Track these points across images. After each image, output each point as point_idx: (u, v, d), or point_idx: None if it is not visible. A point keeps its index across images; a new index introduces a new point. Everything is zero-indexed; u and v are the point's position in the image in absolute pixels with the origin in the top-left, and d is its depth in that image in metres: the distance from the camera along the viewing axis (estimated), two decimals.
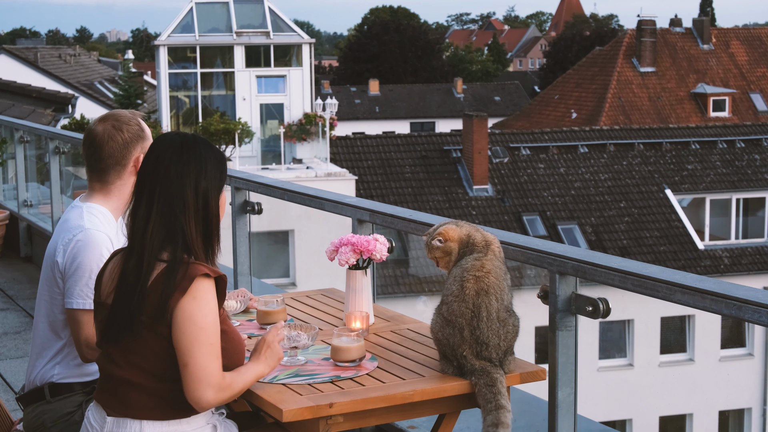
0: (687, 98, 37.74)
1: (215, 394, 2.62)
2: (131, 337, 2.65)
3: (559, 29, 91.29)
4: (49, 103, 15.53)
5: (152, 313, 2.61)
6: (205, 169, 2.74)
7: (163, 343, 2.63)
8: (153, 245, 2.67)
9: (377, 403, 2.85)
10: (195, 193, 2.70)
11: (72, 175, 8.65)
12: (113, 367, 2.70)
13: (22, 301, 7.18)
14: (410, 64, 59.71)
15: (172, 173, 2.70)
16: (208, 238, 2.74)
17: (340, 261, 3.43)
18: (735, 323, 23.17)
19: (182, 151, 2.74)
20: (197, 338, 2.60)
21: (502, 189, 25.36)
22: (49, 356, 3.27)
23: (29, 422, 3.27)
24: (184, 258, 2.66)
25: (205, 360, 2.60)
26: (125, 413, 2.68)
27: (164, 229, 2.67)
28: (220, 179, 2.79)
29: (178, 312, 2.60)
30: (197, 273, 2.63)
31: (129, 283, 2.66)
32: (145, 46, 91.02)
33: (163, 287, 2.61)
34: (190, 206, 2.69)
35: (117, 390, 2.70)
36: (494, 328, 2.96)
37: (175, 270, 2.62)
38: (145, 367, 2.65)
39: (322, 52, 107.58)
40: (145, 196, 2.72)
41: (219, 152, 2.82)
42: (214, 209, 2.75)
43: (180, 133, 2.83)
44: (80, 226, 3.21)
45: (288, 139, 26.10)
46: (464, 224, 3.16)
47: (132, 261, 2.68)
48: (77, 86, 32.65)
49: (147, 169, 2.74)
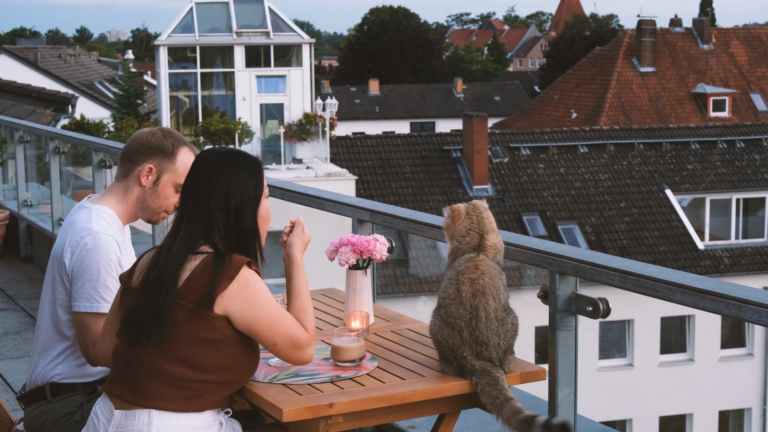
0: (687, 98, 37.75)
1: (312, 346, 2.80)
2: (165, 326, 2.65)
3: (559, 29, 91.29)
4: (49, 103, 15.52)
5: (197, 299, 2.65)
6: (236, 184, 2.76)
7: (206, 329, 2.66)
8: (177, 259, 2.70)
9: (377, 403, 2.85)
10: (226, 212, 2.74)
11: (72, 175, 8.66)
12: (137, 356, 2.70)
13: (22, 301, 7.18)
14: (410, 64, 59.71)
15: (201, 193, 2.75)
16: (245, 251, 2.77)
17: (340, 261, 3.43)
18: (735, 323, 23.17)
19: (211, 168, 2.77)
20: (270, 317, 2.70)
21: (502, 189, 25.36)
22: (51, 356, 3.27)
23: (30, 422, 3.27)
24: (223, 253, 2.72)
25: (287, 328, 2.73)
26: (136, 402, 2.67)
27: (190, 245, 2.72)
28: (255, 192, 2.80)
29: (238, 301, 2.66)
30: (242, 261, 2.69)
31: (151, 293, 2.69)
32: (145, 46, 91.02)
33: (211, 275, 2.65)
34: (219, 225, 2.73)
35: (135, 378, 2.69)
36: (493, 328, 2.96)
37: (221, 259, 2.68)
38: (178, 355, 2.66)
39: (322, 52, 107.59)
40: (180, 212, 2.78)
41: (253, 162, 2.83)
42: (250, 224, 2.78)
43: (216, 148, 2.86)
44: (88, 229, 3.21)
45: (288, 139, 26.11)
46: (475, 218, 3.10)
47: (156, 273, 2.72)
48: (77, 86, 32.66)
49: (184, 188, 2.81)
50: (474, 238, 3.08)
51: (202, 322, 2.65)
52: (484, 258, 3.02)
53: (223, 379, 2.71)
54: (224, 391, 2.75)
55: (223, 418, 2.79)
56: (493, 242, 3.08)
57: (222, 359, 2.69)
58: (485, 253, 3.04)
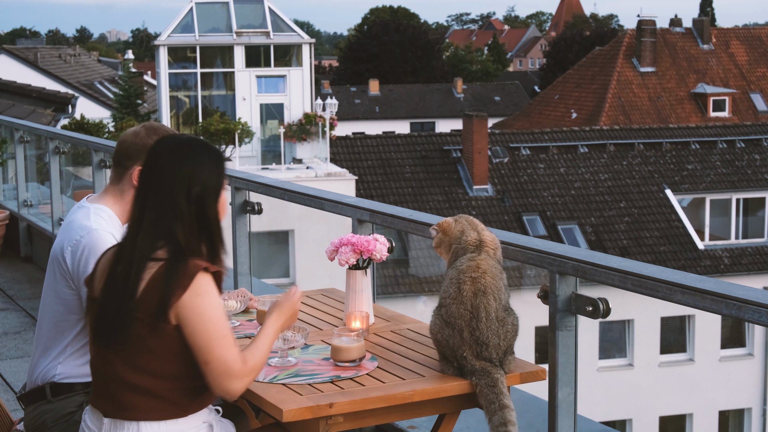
0: (687, 98, 37.74)
1: (243, 382, 2.63)
2: (126, 337, 2.60)
3: (559, 29, 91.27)
4: (49, 103, 15.51)
5: (152, 311, 2.58)
6: (200, 172, 2.67)
7: (166, 340, 2.59)
8: (143, 251, 2.62)
9: (377, 403, 2.85)
10: (188, 200, 2.65)
11: (72, 175, 8.66)
12: (109, 369, 2.67)
13: (22, 301, 7.18)
14: (410, 64, 59.70)
15: (164, 179, 2.65)
16: (211, 242, 2.69)
17: (340, 261, 3.43)
18: (735, 323, 23.17)
19: (174, 155, 2.68)
20: (212, 334, 2.59)
21: (502, 189, 25.36)
22: (52, 356, 3.27)
23: (30, 422, 3.27)
24: (180, 257, 2.62)
25: (224, 353, 2.59)
26: (122, 415, 2.65)
27: (155, 235, 2.63)
28: (217, 183, 2.72)
29: (186, 311, 2.57)
30: (197, 269, 2.60)
31: (116, 287, 2.63)
32: (145, 46, 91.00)
33: (164, 285, 2.57)
34: (183, 213, 2.64)
35: (113, 392, 2.66)
36: (493, 328, 2.96)
37: (173, 268, 2.59)
38: (145, 367, 2.61)
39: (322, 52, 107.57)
40: (139, 203, 2.68)
41: (216, 154, 2.75)
42: (212, 213, 2.70)
43: (177, 136, 2.78)
44: (87, 227, 3.22)
45: (288, 139, 26.10)
46: (464, 220, 3.17)
47: (120, 267, 2.65)
48: (77, 86, 32.66)
49: (143, 176, 2.71)
50: (471, 234, 3.11)
51: (160, 334, 2.59)
52: (485, 257, 3.03)
53: (198, 383, 2.65)
54: (203, 393, 2.69)
55: (213, 419, 2.76)
56: (491, 237, 3.11)
57: (190, 367, 2.62)
58: (486, 251, 3.05)
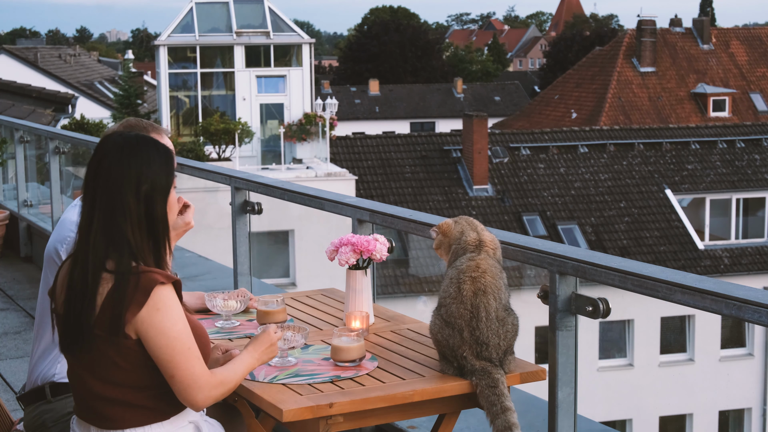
0: (687, 98, 37.74)
1: (208, 394, 2.60)
2: (90, 351, 2.57)
3: (559, 29, 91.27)
4: (49, 103, 15.51)
5: (107, 327, 2.54)
6: (148, 170, 2.61)
7: (127, 354, 2.56)
8: (97, 254, 2.57)
9: (377, 403, 2.85)
10: (136, 198, 2.59)
11: (72, 175, 8.65)
12: (81, 383, 2.64)
13: (22, 301, 7.18)
14: (410, 64, 59.69)
15: (112, 177, 2.59)
16: (156, 243, 2.64)
17: (340, 261, 3.43)
18: (735, 323, 23.17)
19: (122, 152, 2.62)
20: (174, 348, 2.55)
21: (502, 189, 25.36)
22: (51, 355, 3.27)
23: (30, 422, 3.27)
24: (132, 267, 2.57)
25: (189, 366, 2.57)
26: (107, 425, 2.63)
27: (106, 238, 2.58)
28: (166, 180, 2.65)
29: (145, 327, 2.53)
30: (153, 283, 2.54)
31: (76, 294, 2.58)
32: (145, 46, 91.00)
33: (116, 301, 2.53)
34: (132, 212, 2.58)
35: (91, 405, 2.64)
36: (494, 328, 2.96)
37: (125, 282, 2.54)
38: (114, 380, 2.58)
39: (322, 52, 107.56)
40: (88, 201, 2.63)
41: (165, 150, 2.69)
42: (160, 213, 2.64)
43: (124, 133, 2.71)
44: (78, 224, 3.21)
45: (288, 139, 26.10)
46: (464, 221, 3.17)
47: (77, 270, 2.60)
48: (77, 86, 32.66)
49: (89, 173, 2.64)
50: (470, 234, 3.11)
51: (121, 349, 2.55)
52: (485, 257, 3.04)
53: (167, 389, 2.62)
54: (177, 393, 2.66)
55: (199, 418, 2.74)
56: (491, 237, 3.12)
57: (157, 375, 2.60)
58: (486, 251, 3.05)
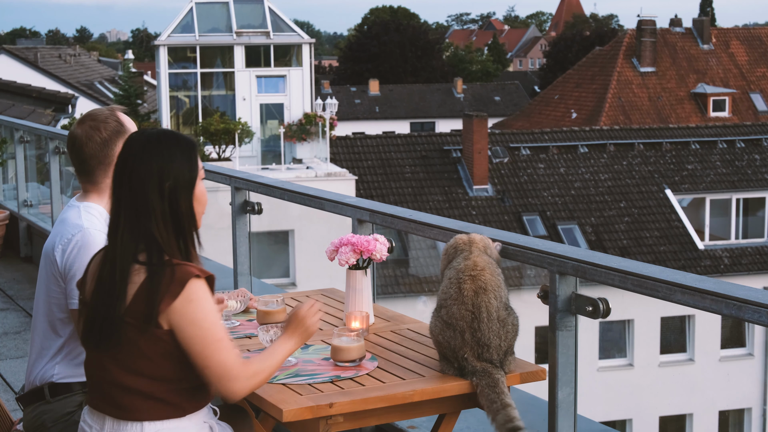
0: (687, 98, 37.74)
1: (244, 384, 2.61)
2: (118, 341, 2.58)
3: (559, 29, 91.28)
4: (49, 103, 15.51)
5: (141, 316, 2.55)
6: (170, 166, 2.61)
7: (156, 344, 2.57)
8: (125, 252, 2.59)
9: (377, 403, 2.85)
10: (160, 195, 2.60)
11: (72, 175, 8.64)
12: (104, 373, 2.64)
13: (22, 301, 7.18)
14: (410, 64, 59.69)
15: (135, 177, 2.60)
16: (183, 238, 2.64)
17: (340, 261, 3.43)
18: (735, 323, 23.17)
19: (144, 151, 2.63)
20: (206, 339, 2.56)
21: (502, 189, 25.36)
22: (48, 356, 3.27)
23: (29, 422, 3.26)
24: (165, 260, 2.59)
25: (221, 357, 2.57)
26: (124, 416, 2.63)
27: (134, 236, 2.60)
28: (189, 174, 2.65)
29: (177, 317, 2.55)
30: (188, 276, 2.56)
31: (105, 290, 2.61)
32: (145, 46, 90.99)
33: (150, 291, 2.55)
34: (156, 210, 2.60)
35: (111, 395, 2.64)
36: (495, 329, 2.96)
37: (160, 273, 2.56)
38: (139, 370, 2.59)
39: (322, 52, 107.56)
40: (114, 201, 2.65)
41: (187, 145, 2.68)
42: (185, 208, 2.64)
43: (146, 130, 2.72)
44: (78, 226, 3.21)
45: (288, 139, 26.10)
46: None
47: (107, 267, 2.62)
48: (77, 86, 32.63)
49: (115, 174, 2.67)
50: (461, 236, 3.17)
51: (150, 338, 2.57)
52: (479, 253, 3.05)
53: (194, 383, 2.64)
54: (199, 393, 2.68)
55: (213, 421, 2.75)
56: (480, 237, 3.15)
57: (184, 368, 2.61)
58: (477, 247, 3.08)
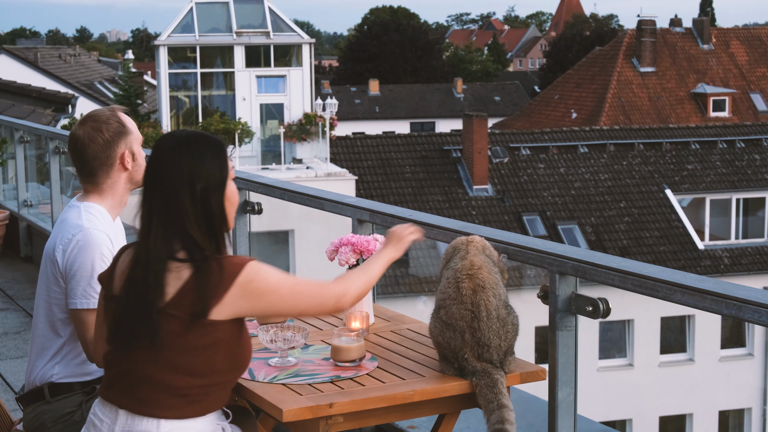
0: (687, 98, 37.74)
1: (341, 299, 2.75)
2: (156, 336, 2.58)
3: (559, 29, 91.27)
4: (49, 103, 15.51)
5: (190, 311, 2.56)
6: (201, 169, 2.63)
7: (206, 336, 2.58)
8: (160, 251, 2.61)
9: (377, 403, 2.85)
10: (192, 198, 2.62)
11: (72, 175, 8.65)
12: (130, 367, 2.63)
13: (22, 301, 7.18)
14: (410, 64, 59.69)
15: (167, 180, 2.62)
16: (215, 237, 2.66)
17: (340, 261, 3.43)
18: (735, 323, 23.17)
19: (175, 154, 2.64)
20: (282, 297, 2.65)
21: (502, 189, 25.36)
22: (48, 356, 3.27)
23: (29, 422, 3.26)
24: (206, 255, 2.62)
25: (307, 298, 2.70)
26: (141, 410, 2.63)
27: (167, 235, 2.62)
28: (220, 175, 2.67)
29: (242, 302, 2.59)
30: (238, 268, 2.59)
31: (139, 288, 2.61)
32: (145, 46, 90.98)
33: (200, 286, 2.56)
34: (189, 212, 2.62)
35: (133, 387, 2.63)
36: (495, 329, 2.96)
37: (206, 268, 2.58)
38: (175, 365, 2.59)
39: (322, 52, 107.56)
40: (146, 205, 2.66)
41: (217, 145, 2.70)
42: (217, 208, 2.66)
43: (176, 132, 2.73)
44: (79, 226, 3.21)
45: (288, 139, 26.10)
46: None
47: (138, 270, 2.63)
48: (77, 86, 32.63)
49: (146, 177, 2.68)
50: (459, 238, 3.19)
51: (196, 330, 2.57)
52: (476, 252, 3.07)
53: (221, 380, 2.67)
54: (224, 390, 2.71)
55: (225, 423, 2.77)
56: (479, 238, 3.17)
57: (218, 362, 2.63)
58: (474, 246, 3.09)
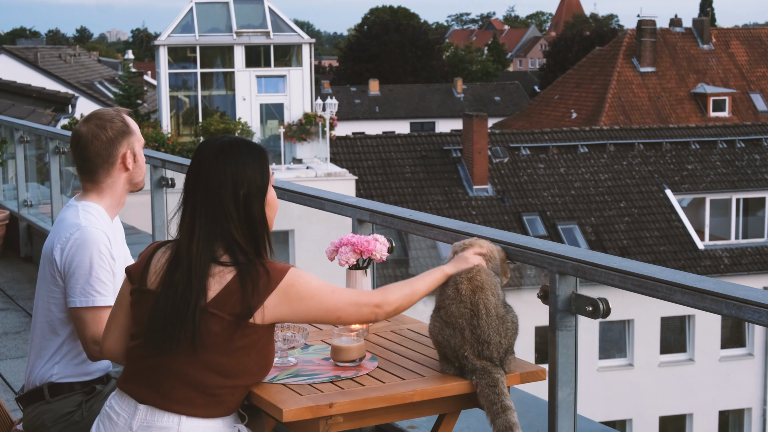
0: (687, 98, 37.74)
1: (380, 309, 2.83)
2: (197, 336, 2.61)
3: (559, 29, 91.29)
4: (49, 103, 15.52)
5: (234, 313, 2.61)
6: (244, 174, 2.69)
7: (246, 338, 2.64)
8: (203, 254, 2.65)
9: (377, 403, 2.85)
10: (235, 203, 2.67)
11: (72, 175, 8.65)
12: (163, 360, 2.65)
13: (22, 301, 7.18)
14: (410, 64, 59.70)
15: (210, 185, 2.67)
16: (256, 242, 2.71)
17: (340, 261, 3.42)
18: (735, 323, 23.17)
19: (218, 159, 2.69)
20: (321, 302, 2.71)
21: (502, 189, 25.36)
22: (47, 356, 3.27)
23: (29, 422, 3.27)
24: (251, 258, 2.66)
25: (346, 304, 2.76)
26: (164, 405, 2.64)
27: (211, 238, 2.66)
28: (261, 181, 2.73)
29: (283, 307, 2.65)
30: (281, 273, 2.66)
31: (180, 289, 2.63)
32: (145, 46, 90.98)
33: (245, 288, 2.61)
34: (233, 216, 2.67)
35: (162, 384, 2.65)
36: (494, 326, 2.96)
37: (250, 271, 2.63)
38: (211, 364, 2.63)
39: (322, 52, 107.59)
40: (189, 208, 2.70)
41: (258, 151, 2.76)
42: (258, 213, 2.71)
43: (219, 138, 2.78)
44: (77, 225, 3.21)
45: (288, 139, 26.11)
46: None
47: (178, 274, 2.65)
48: (77, 86, 32.63)
49: (188, 182, 2.72)
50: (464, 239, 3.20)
51: (238, 331, 2.63)
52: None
53: (249, 382, 2.73)
54: (245, 392, 2.77)
55: (242, 426, 2.79)
56: (486, 242, 3.17)
57: (250, 364, 2.69)
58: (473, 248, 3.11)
